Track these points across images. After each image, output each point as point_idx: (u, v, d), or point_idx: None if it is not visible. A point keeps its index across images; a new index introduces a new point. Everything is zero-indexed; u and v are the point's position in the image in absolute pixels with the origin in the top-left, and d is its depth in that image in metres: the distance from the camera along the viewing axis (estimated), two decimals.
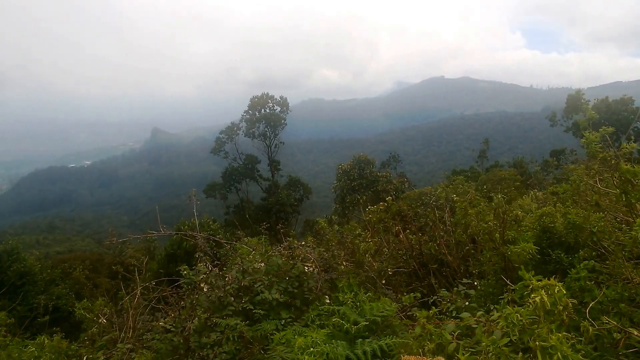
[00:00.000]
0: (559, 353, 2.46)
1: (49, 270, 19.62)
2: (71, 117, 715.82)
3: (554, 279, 2.89)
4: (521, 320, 2.67)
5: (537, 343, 2.54)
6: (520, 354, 2.85)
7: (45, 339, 7.02)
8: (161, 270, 13.33)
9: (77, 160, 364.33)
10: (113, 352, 6.85)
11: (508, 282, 3.43)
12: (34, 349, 6.80)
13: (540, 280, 2.82)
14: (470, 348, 3.65)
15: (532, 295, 2.73)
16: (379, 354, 4.79)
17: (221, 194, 58.43)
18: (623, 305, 4.28)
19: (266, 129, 60.51)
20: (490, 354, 2.80)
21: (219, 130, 63.25)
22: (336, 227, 11.62)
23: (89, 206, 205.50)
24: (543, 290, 2.73)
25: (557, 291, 2.74)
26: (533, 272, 2.99)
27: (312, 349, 4.48)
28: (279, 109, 61.01)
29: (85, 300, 9.82)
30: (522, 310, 2.75)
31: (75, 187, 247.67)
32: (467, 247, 9.97)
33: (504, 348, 2.73)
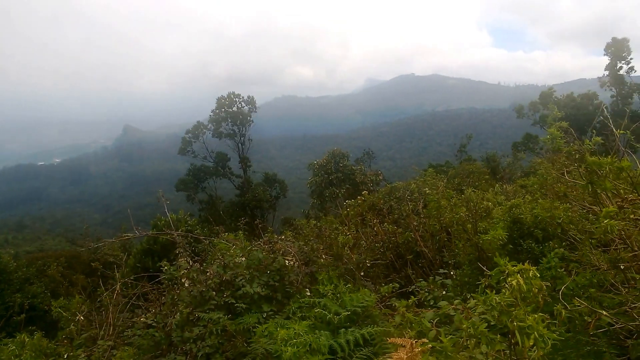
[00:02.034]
0: (535, 332, 2.63)
1: (24, 269, 19.36)
2: (40, 114, 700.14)
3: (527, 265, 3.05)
4: (499, 303, 2.81)
5: (515, 324, 2.68)
6: (499, 336, 3.00)
7: (26, 337, 6.97)
8: (138, 265, 13.27)
9: (47, 158, 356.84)
10: (94, 350, 6.84)
11: (485, 269, 3.58)
12: (14, 347, 6.75)
13: (515, 266, 2.97)
14: (450, 335, 3.78)
15: (509, 279, 2.88)
16: (361, 342, 4.92)
17: (188, 195, 57.77)
18: (593, 290, 4.49)
19: (233, 127, 60.31)
20: (472, 337, 2.94)
21: (191, 127, 62.72)
22: (313, 221, 11.74)
23: (60, 204, 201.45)
24: (518, 275, 2.89)
25: (532, 275, 2.90)
26: (508, 259, 3.14)
27: (295, 340, 4.57)
28: (246, 107, 60.90)
29: (62, 298, 9.71)
30: (500, 294, 2.90)
31: (45, 185, 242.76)
32: (441, 237, 10.19)
33: (484, 330, 2.87)
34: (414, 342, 2.79)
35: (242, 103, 60.75)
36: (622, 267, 4.70)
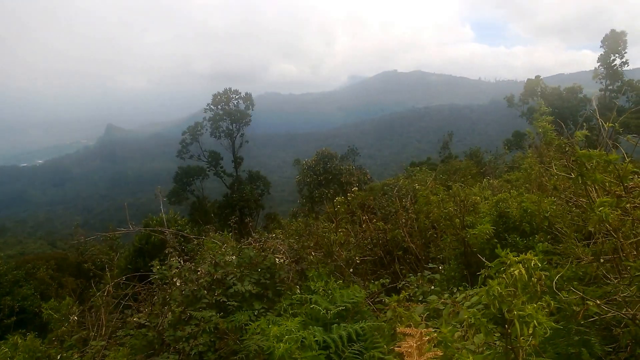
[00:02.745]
0: (534, 321, 2.71)
1: (13, 272, 19.23)
2: (20, 115, 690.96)
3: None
4: (501, 293, 2.89)
5: (515, 312, 2.77)
6: (493, 325, 3.08)
7: (19, 338, 6.95)
8: (129, 266, 13.21)
9: (29, 159, 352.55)
10: (87, 351, 6.83)
11: (484, 260, 3.66)
12: (7, 349, 6.73)
13: (517, 256, 3.05)
14: (437, 328, 3.85)
15: (511, 269, 2.95)
16: (354, 337, 4.98)
17: (177, 200, 57.25)
18: (576, 283, 4.59)
19: (231, 125, 60.00)
20: (471, 326, 3.02)
21: (175, 125, 62.80)
22: (300, 220, 11.82)
23: (42, 206, 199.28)
24: (520, 265, 2.97)
25: (533, 265, 2.98)
26: (508, 250, 3.21)
27: (287, 337, 4.62)
28: (242, 104, 60.67)
29: (52, 300, 9.66)
30: (501, 284, 2.97)
31: (27, 187, 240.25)
32: (430, 233, 10.30)
33: (483, 319, 2.95)
34: (422, 331, 2.85)
35: (240, 100, 60.48)
36: (602, 260, 4.81)
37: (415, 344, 2.71)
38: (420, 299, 6.30)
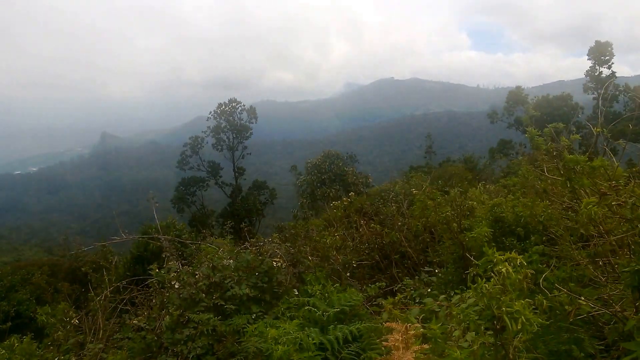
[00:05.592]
0: (522, 317, 2.79)
1: (9, 277, 19.27)
2: (13, 123, 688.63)
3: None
4: (489, 290, 2.96)
5: (503, 309, 2.84)
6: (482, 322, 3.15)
7: (15, 341, 6.98)
8: (127, 273, 13.25)
9: (23, 166, 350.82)
10: (85, 354, 6.86)
11: (474, 260, 3.73)
12: (4, 351, 6.76)
13: (503, 254, 3.13)
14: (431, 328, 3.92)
15: (497, 267, 3.03)
16: (350, 338, 5.05)
17: (178, 207, 57.25)
18: (572, 284, 4.67)
19: (233, 138, 60.41)
20: (460, 322, 3.10)
21: (169, 133, 62.87)
22: (300, 223, 11.89)
23: (36, 214, 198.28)
24: (506, 263, 3.05)
25: (518, 263, 3.07)
26: (495, 249, 3.29)
27: (284, 338, 4.67)
28: (245, 115, 61.14)
29: (47, 305, 9.68)
30: (490, 282, 3.05)
31: (21, 194, 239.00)
32: (424, 237, 10.36)
33: (472, 316, 3.02)
34: (408, 325, 2.92)
35: (244, 112, 60.93)
36: (600, 263, 4.87)
37: (401, 338, 2.78)
38: (417, 301, 6.37)
